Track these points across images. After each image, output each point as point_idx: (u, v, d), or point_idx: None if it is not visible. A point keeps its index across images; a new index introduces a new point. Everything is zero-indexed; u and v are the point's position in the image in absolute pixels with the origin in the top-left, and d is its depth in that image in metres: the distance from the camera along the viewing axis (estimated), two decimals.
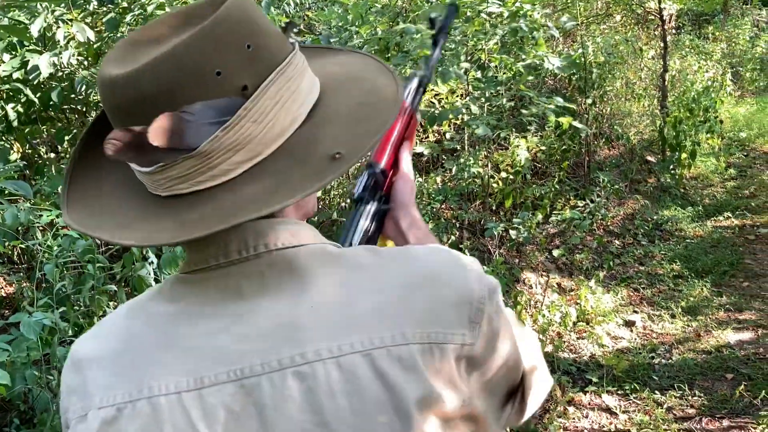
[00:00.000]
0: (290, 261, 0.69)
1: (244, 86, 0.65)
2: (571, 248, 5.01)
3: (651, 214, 6.13)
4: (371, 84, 0.77)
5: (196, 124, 0.63)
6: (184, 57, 0.63)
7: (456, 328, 0.67)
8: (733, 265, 5.15)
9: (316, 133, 0.70)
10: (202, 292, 0.70)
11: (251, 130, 0.66)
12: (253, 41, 0.66)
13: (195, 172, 0.66)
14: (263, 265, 0.69)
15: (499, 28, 4.24)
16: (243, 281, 0.68)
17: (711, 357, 3.92)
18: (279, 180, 0.67)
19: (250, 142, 0.66)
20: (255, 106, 0.65)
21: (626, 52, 8.13)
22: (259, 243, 0.69)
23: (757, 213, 6.45)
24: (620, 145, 7.05)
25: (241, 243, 0.69)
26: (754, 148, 9.23)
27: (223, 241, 0.69)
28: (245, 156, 0.66)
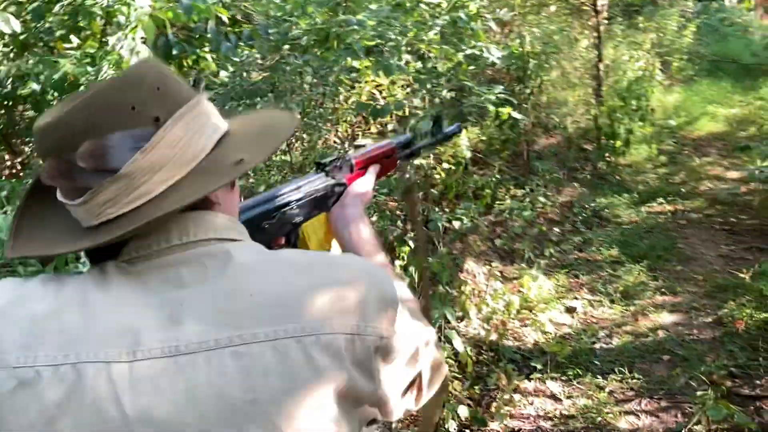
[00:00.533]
0: (230, 252, 0.77)
1: (156, 117, 0.77)
2: (512, 237, 5.08)
3: (589, 201, 6.28)
4: (271, 118, 0.99)
5: (118, 149, 0.74)
6: (104, 97, 0.76)
7: (377, 323, 0.78)
8: (667, 250, 5.32)
9: (223, 153, 0.82)
10: (141, 282, 0.75)
11: (167, 153, 0.76)
12: (162, 84, 0.79)
13: (122, 194, 0.75)
14: (204, 255, 0.77)
15: (439, 19, 4.23)
16: (183, 270, 0.75)
17: (648, 340, 4.04)
18: (195, 186, 0.78)
19: (167, 164, 0.77)
20: (167, 133, 0.77)
21: (561, 41, 8.28)
22: (199, 230, 0.79)
23: (688, 199, 6.69)
24: (557, 133, 7.19)
25: (182, 231, 0.78)
26: (683, 135, 9.56)
27: (164, 230, 0.78)
28: (165, 176, 0.77)
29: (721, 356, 3.74)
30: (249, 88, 3.24)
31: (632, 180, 7.29)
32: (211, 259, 0.76)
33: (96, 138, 0.74)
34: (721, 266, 4.99)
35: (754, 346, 3.78)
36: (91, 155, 0.74)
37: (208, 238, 0.79)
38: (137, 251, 0.77)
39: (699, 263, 5.10)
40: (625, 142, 7.27)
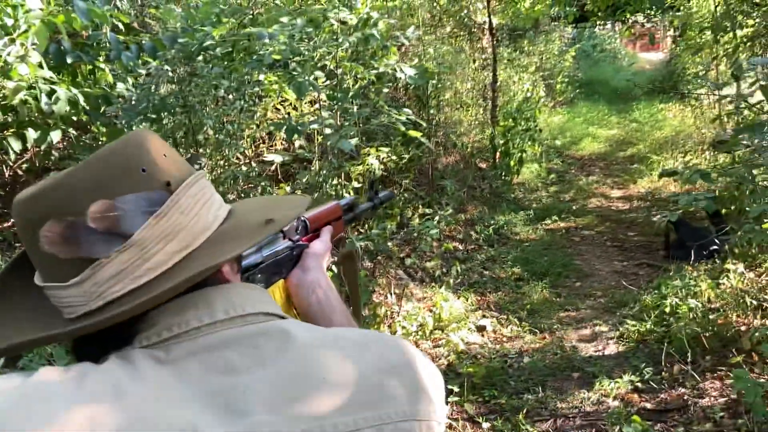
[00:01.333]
0: (288, 330, 0.68)
1: (167, 182, 0.71)
2: (421, 256, 5.06)
3: (489, 219, 6.40)
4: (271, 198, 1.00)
5: (130, 212, 0.67)
6: (110, 159, 0.69)
7: (437, 408, 0.73)
8: (566, 266, 5.51)
9: (239, 221, 0.78)
10: (181, 370, 0.64)
11: (180, 220, 0.70)
12: (168, 151, 0.74)
13: (131, 266, 0.67)
14: (256, 333, 0.68)
15: (351, 36, 4.15)
16: (232, 352, 0.66)
17: (557, 357, 4.12)
18: (214, 252, 0.71)
19: (181, 231, 0.70)
20: (181, 198, 0.71)
21: (455, 63, 8.47)
22: (246, 303, 0.71)
23: (579, 216, 7.00)
24: (456, 152, 7.31)
25: (228, 303, 0.70)
26: (568, 154, 10.06)
27: (205, 303, 0.69)
28: (178, 245, 0.69)
29: (627, 371, 3.87)
30: (157, 102, 3.00)
31: (526, 198, 7.55)
32: (266, 339, 0.67)
33: (107, 198, 0.67)
34: (616, 282, 5.22)
35: (656, 360, 3.95)
36: (103, 215, 0.66)
37: (256, 312, 0.70)
38: (169, 330, 0.67)
39: (596, 279, 5.30)
40: (518, 161, 7.50)
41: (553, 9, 10.90)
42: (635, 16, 11.17)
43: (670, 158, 8.70)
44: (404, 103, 6.46)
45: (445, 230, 5.60)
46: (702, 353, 3.91)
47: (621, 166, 9.25)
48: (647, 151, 9.45)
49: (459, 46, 9.33)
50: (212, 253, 0.70)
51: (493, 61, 8.05)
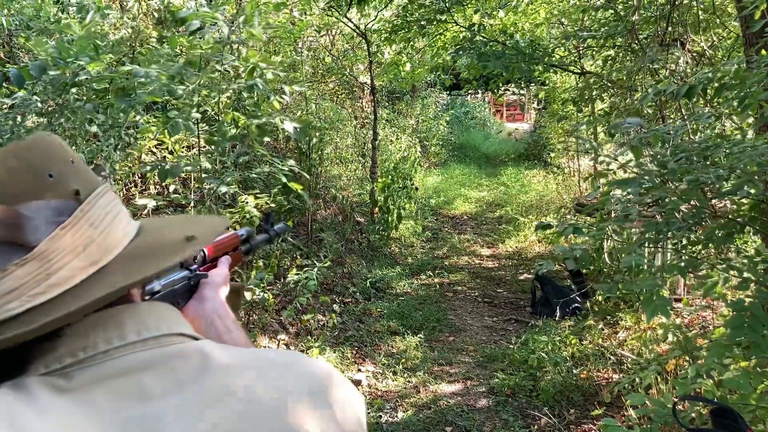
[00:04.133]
0: (207, 352, 0.63)
1: (76, 191, 0.64)
2: (298, 308, 4.96)
3: (366, 272, 6.42)
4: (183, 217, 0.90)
5: (35, 221, 0.60)
6: (14, 160, 0.62)
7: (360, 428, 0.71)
8: (440, 321, 5.60)
9: (155, 238, 0.71)
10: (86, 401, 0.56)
11: (89, 233, 0.64)
12: (73, 158, 0.68)
13: (31, 281, 0.59)
14: (171, 356, 0.62)
15: (234, 83, 4.11)
16: (145, 377, 0.59)
17: (431, 411, 4.14)
18: (130, 269, 0.64)
19: (89, 246, 0.63)
20: (91, 209, 0.65)
21: (337, 119, 8.61)
22: (161, 322, 0.65)
23: (451, 272, 7.19)
24: (335, 206, 7.34)
25: (140, 323, 0.63)
26: (442, 213, 10.39)
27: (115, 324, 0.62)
28: (86, 261, 0.62)
29: (498, 425, 3.95)
30: (23, 133, 2.77)
31: (402, 253, 7.67)
32: (183, 361, 0.61)
33: (8, 203, 0.59)
34: (487, 337, 5.37)
35: (525, 413, 4.06)
36: (5, 222, 0.59)
37: (171, 333, 0.64)
38: (73, 355, 0.59)
39: (468, 334, 5.43)
40: (397, 217, 7.65)
41: (431, 75, 11.41)
42: (506, 86, 11.91)
43: (536, 220, 9.21)
44: (285, 154, 6.44)
45: (322, 282, 5.54)
46: (567, 406, 4.07)
47: (490, 226, 9.67)
48: (514, 213, 9.96)
49: (341, 103, 9.52)
50: (126, 270, 0.63)
51: (374, 119, 8.24)
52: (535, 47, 7.16)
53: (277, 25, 6.04)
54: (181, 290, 1.02)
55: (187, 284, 1.03)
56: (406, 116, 13.02)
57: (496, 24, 8.23)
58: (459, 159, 15.47)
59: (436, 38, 8.62)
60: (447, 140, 15.57)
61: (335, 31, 9.21)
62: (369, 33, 8.37)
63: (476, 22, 7.43)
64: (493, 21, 8.24)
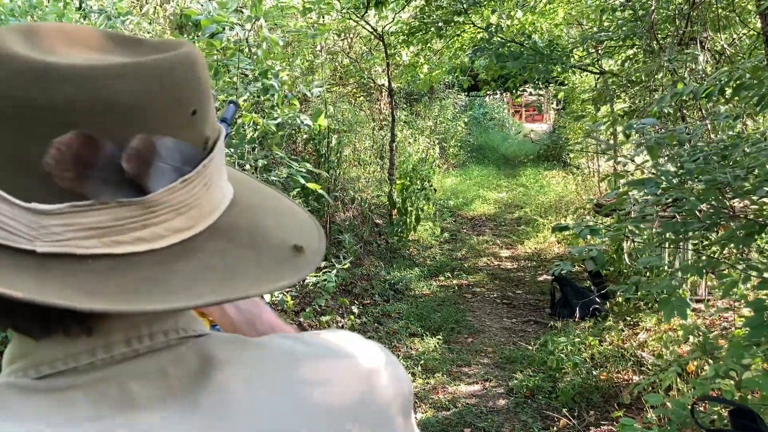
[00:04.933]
0: (210, 355, 0.54)
1: (206, 139, 0.54)
2: (317, 310, 4.99)
3: (384, 274, 6.44)
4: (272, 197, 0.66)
5: (164, 162, 0.50)
6: (167, 76, 0.50)
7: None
8: (458, 323, 5.60)
9: (246, 231, 0.56)
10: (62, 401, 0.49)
11: (200, 194, 0.52)
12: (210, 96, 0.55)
13: (122, 226, 0.48)
14: (167, 361, 0.53)
15: (251, 85, 4.15)
16: (131, 383, 0.51)
17: (450, 413, 4.14)
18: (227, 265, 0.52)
19: (193, 209, 0.52)
20: (209, 165, 0.53)
21: (355, 121, 8.65)
22: (154, 328, 0.53)
23: (470, 273, 7.18)
24: (353, 208, 7.37)
25: (129, 329, 0.52)
26: (460, 214, 10.38)
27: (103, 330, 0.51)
28: (184, 224, 0.51)
29: (516, 427, 3.94)
30: None
31: (420, 255, 7.68)
32: (176, 366, 0.53)
33: (146, 132, 0.48)
34: (506, 338, 5.36)
35: (544, 415, 4.05)
36: (140, 156, 0.48)
37: (169, 339, 0.54)
38: (51, 364, 0.50)
39: (486, 335, 5.42)
40: (415, 219, 7.66)
41: (448, 77, 11.42)
42: (524, 87, 11.88)
43: (555, 221, 9.17)
44: (304, 157, 6.48)
45: (341, 284, 5.57)
46: (586, 408, 4.05)
47: (509, 227, 9.64)
48: (533, 214, 9.92)
49: (359, 105, 9.55)
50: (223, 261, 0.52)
51: (392, 121, 8.27)
52: (553, 47, 7.13)
53: (296, 29, 6.09)
54: None
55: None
56: (425, 118, 13.02)
57: (513, 24, 8.22)
58: (477, 160, 15.45)
59: (453, 40, 8.64)
60: (465, 141, 15.56)
61: (353, 33, 9.25)
62: (386, 35, 8.39)
63: (494, 23, 7.42)
64: (510, 21, 8.23)
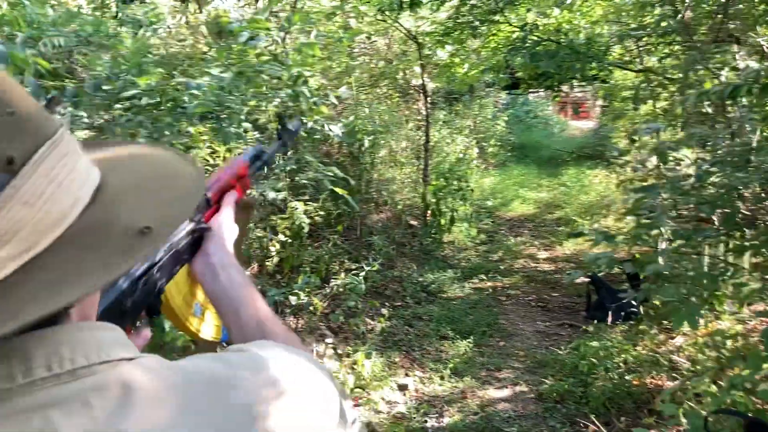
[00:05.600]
0: (129, 383, 0.53)
1: (9, 158, 0.49)
2: (346, 312, 5.02)
3: (417, 276, 6.43)
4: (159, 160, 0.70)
5: None
6: None
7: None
8: (490, 326, 5.56)
9: (107, 213, 0.57)
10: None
11: (23, 214, 0.50)
12: (16, 107, 0.51)
13: None
14: (88, 389, 0.51)
15: (281, 91, 4.20)
16: (54, 412, 0.49)
17: (477, 417, 4.11)
18: (66, 270, 0.52)
19: (21, 230, 0.50)
20: (26, 183, 0.50)
21: (390, 122, 8.65)
22: (77, 352, 0.53)
23: (506, 276, 7.11)
24: (387, 209, 7.37)
25: (51, 354, 0.52)
26: (498, 215, 10.28)
27: (18, 354, 0.51)
28: (15, 249, 0.50)
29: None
30: None
31: (455, 256, 7.64)
32: (100, 396, 0.51)
33: None
34: (538, 342, 5.29)
35: (573, 420, 3.99)
36: None
37: (91, 363, 0.53)
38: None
39: (519, 339, 5.36)
40: (450, 220, 7.63)
41: (486, 75, 11.32)
42: (565, 84, 11.69)
43: (595, 222, 9.01)
44: (337, 159, 6.52)
45: (372, 286, 5.59)
46: (617, 414, 3.97)
47: (549, 228, 9.50)
48: (573, 215, 9.76)
49: (395, 106, 9.55)
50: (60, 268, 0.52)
51: (426, 122, 8.25)
52: (590, 45, 7.00)
53: (330, 33, 6.13)
54: (184, 247, 0.98)
55: (190, 240, 0.99)
56: (464, 117, 12.93)
57: (550, 23, 8.10)
58: (518, 159, 15.25)
59: (489, 39, 8.56)
60: (506, 140, 15.39)
61: (388, 35, 9.26)
62: (421, 36, 8.37)
63: (529, 22, 7.33)
64: (547, 20, 8.11)
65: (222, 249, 0.99)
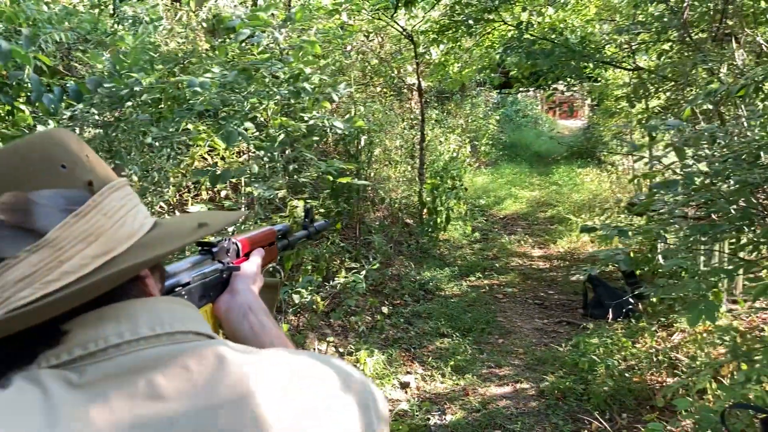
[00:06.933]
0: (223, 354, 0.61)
1: (89, 181, 0.65)
2: (347, 311, 5.01)
3: (415, 274, 6.43)
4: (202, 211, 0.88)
5: (46, 207, 0.61)
6: (28, 151, 0.63)
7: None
8: (489, 323, 5.57)
9: (167, 230, 0.71)
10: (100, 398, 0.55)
11: (102, 222, 0.64)
12: (90, 155, 0.68)
13: (44, 268, 0.59)
14: (186, 354, 0.60)
15: (282, 88, 4.18)
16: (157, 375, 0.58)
17: (480, 415, 4.12)
18: (139, 256, 0.64)
19: (102, 235, 0.63)
20: (104, 200, 0.65)
21: (385, 120, 8.65)
22: (174, 319, 0.64)
23: (502, 273, 7.14)
24: (383, 208, 7.37)
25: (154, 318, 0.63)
26: (492, 214, 10.31)
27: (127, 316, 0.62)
28: (98, 249, 0.62)
29: (547, 429, 3.91)
30: None
31: (451, 255, 7.65)
32: (198, 362, 0.59)
33: (21, 190, 0.60)
34: (537, 339, 5.31)
35: (575, 417, 4.00)
36: (14, 207, 0.59)
37: (186, 330, 0.63)
38: (83, 347, 0.58)
39: (518, 336, 5.38)
40: (445, 218, 7.64)
41: (479, 74, 11.34)
42: (556, 84, 11.74)
43: (588, 219, 9.05)
44: (333, 158, 6.50)
45: (371, 285, 5.59)
46: (619, 411, 4.00)
47: (542, 226, 9.55)
48: (566, 213, 9.81)
49: (389, 104, 9.55)
50: (138, 256, 0.63)
51: (421, 120, 8.25)
52: (585, 44, 7.03)
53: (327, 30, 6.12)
54: (212, 282, 1.01)
55: (219, 276, 1.03)
56: (456, 116, 12.95)
57: (545, 21, 8.12)
58: (510, 158, 15.30)
59: (483, 37, 8.57)
60: (497, 139, 15.44)
61: (382, 33, 9.25)
62: (416, 34, 8.37)
63: (524, 20, 7.35)
64: (542, 18, 8.14)
65: (249, 291, 1.03)
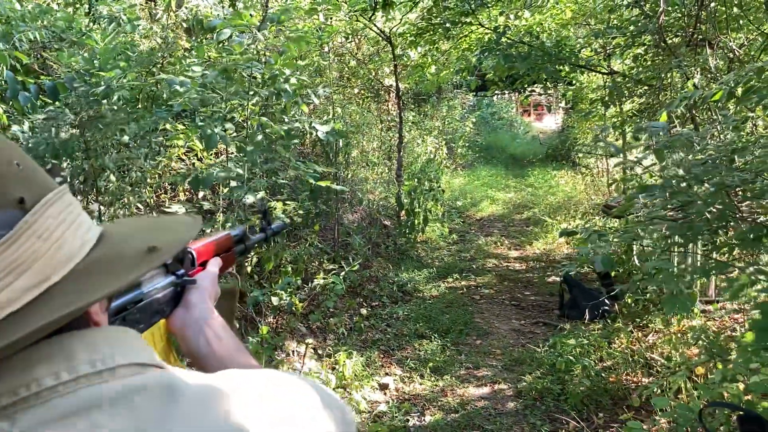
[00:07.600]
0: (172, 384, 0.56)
1: (20, 198, 0.55)
2: (326, 312, 5.01)
3: (393, 276, 6.44)
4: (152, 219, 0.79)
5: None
6: None
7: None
8: (467, 324, 5.60)
9: (115, 248, 0.62)
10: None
11: (36, 246, 0.54)
12: (22, 161, 0.57)
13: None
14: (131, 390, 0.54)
15: (263, 90, 4.17)
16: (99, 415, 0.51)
17: (458, 415, 4.14)
18: (85, 287, 0.56)
19: (36, 262, 0.54)
20: (37, 220, 0.55)
21: (363, 122, 8.66)
22: (116, 351, 0.56)
23: (479, 275, 7.18)
24: (361, 210, 7.38)
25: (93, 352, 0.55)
26: (468, 215, 10.37)
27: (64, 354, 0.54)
28: (32, 280, 0.53)
29: (525, 429, 3.94)
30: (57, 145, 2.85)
31: (429, 256, 7.68)
32: (144, 397, 0.54)
33: None
34: (515, 340, 5.35)
35: (552, 417, 4.04)
36: None
37: (129, 362, 0.56)
38: (14, 394, 0.51)
39: (495, 337, 5.42)
40: (423, 220, 7.67)
41: (456, 77, 11.40)
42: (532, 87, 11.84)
43: (564, 221, 9.15)
44: (312, 159, 6.49)
45: (349, 286, 5.59)
46: (595, 410, 4.04)
47: (518, 228, 9.63)
48: (542, 215, 9.90)
49: (366, 106, 9.56)
50: (79, 289, 0.55)
51: (399, 122, 8.27)
52: (561, 47, 7.11)
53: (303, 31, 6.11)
54: (166, 298, 0.95)
55: (173, 291, 0.97)
56: (432, 118, 13.01)
57: (521, 25, 8.20)
58: (486, 160, 15.42)
59: (460, 40, 8.63)
60: (473, 142, 15.54)
61: (360, 35, 9.26)
62: (394, 37, 8.39)
63: (501, 24, 7.41)
64: (519, 22, 8.21)
65: (204, 302, 0.96)
